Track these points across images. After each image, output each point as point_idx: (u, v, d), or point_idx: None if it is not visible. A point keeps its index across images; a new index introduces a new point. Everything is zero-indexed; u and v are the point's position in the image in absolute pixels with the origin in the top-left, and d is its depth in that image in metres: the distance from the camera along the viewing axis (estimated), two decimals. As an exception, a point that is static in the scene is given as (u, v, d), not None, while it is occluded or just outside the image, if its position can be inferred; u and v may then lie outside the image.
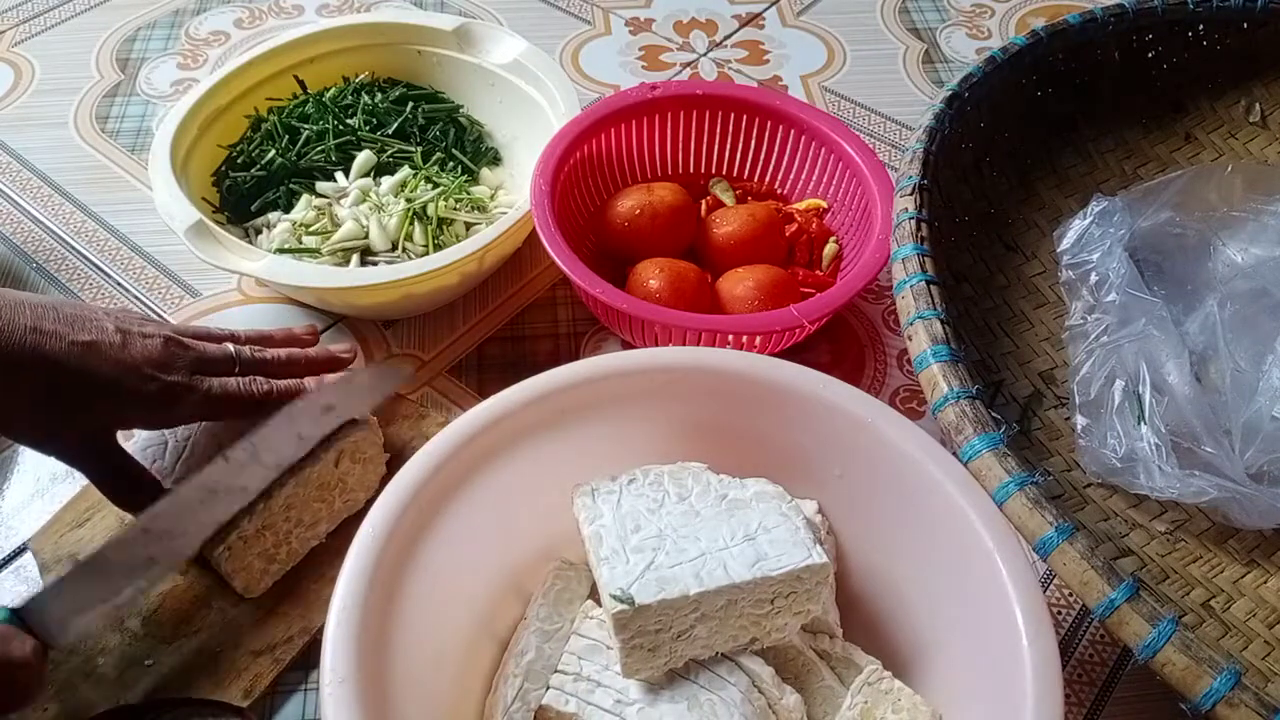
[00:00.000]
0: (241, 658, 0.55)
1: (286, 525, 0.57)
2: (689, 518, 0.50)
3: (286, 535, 0.57)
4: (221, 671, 0.55)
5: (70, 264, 0.78)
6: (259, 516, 0.55)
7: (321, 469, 0.58)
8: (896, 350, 0.74)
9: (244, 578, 0.56)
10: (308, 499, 0.58)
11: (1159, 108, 0.77)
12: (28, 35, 0.98)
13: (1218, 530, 0.57)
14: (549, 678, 0.49)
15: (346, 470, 0.59)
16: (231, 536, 0.54)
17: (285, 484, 0.56)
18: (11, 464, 0.66)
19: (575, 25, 1.02)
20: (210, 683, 0.54)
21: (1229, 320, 0.59)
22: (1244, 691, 0.42)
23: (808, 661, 0.51)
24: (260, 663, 0.55)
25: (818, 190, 0.78)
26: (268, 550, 0.57)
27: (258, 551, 0.56)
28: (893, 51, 1.00)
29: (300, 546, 0.59)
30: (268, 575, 0.58)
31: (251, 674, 0.55)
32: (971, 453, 0.48)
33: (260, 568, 0.57)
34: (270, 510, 0.56)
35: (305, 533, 0.58)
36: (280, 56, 0.82)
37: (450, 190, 0.76)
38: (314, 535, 0.59)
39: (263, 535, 0.56)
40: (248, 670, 0.55)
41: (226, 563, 0.55)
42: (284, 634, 0.56)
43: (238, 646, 0.56)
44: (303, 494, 0.57)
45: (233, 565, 0.55)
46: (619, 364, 0.54)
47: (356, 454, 0.60)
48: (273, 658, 0.55)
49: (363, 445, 0.60)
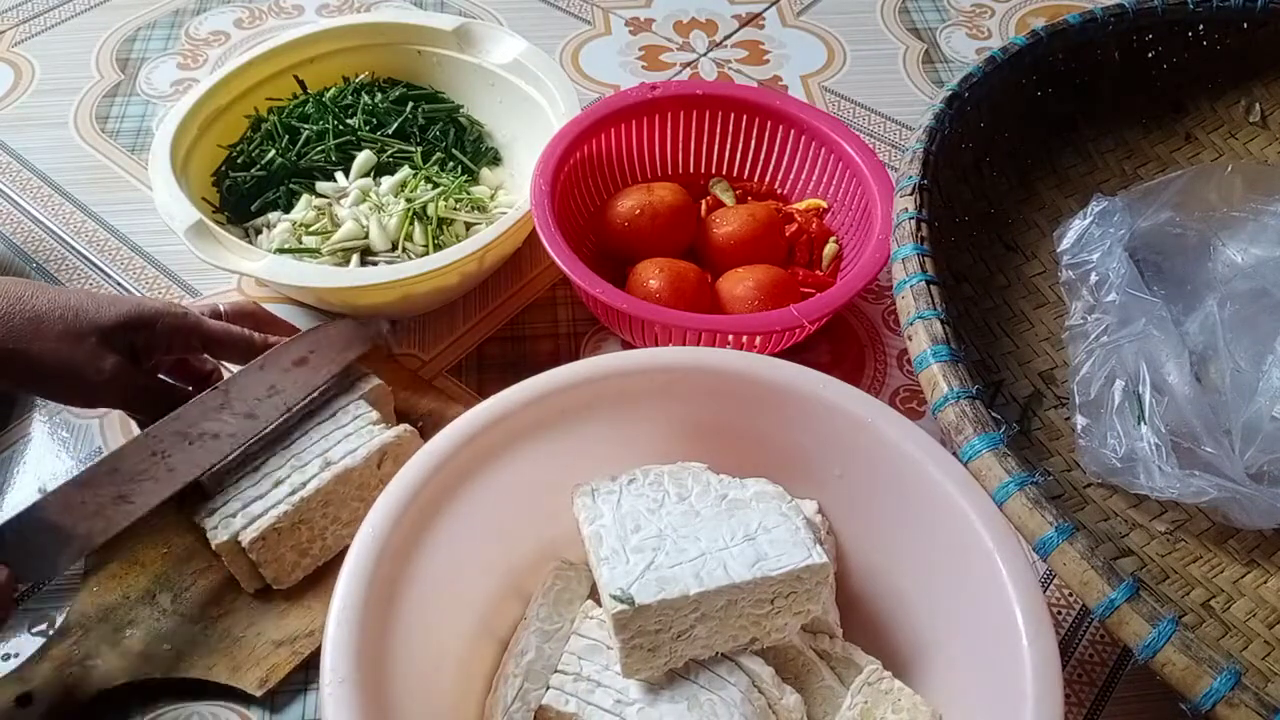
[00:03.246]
0: (262, 646, 0.56)
1: (323, 521, 0.57)
2: (689, 518, 0.50)
3: (322, 531, 0.58)
4: (240, 657, 0.55)
5: (70, 264, 0.78)
6: (296, 510, 0.56)
7: (363, 468, 0.58)
8: (896, 350, 0.74)
9: (275, 569, 0.57)
10: (346, 497, 0.58)
11: (1159, 108, 0.77)
12: (28, 35, 0.98)
13: (1218, 530, 0.57)
14: (549, 678, 0.49)
15: (388, 472, 0.59)
16: (267, 526, 0.55)
17: (325, 480, 0.57)
18: (12, 464, 0.66)
19: (575, 25, 1.02)
20: (229, 667, 0.55)
21: (1229, 320, 0.59)
22: (1244, 691, 0.42)
23: (808, 661, 0.51)
24: (279, 653, 0.56)
25: (818, 190, 0.78)
26: (301, 544, 0.57)
27: (291, 544, 0.57)
28: (893, 51, 1.00)
29: (334, 543, 0.59)
30: (299, 569, 0.58)
31: (269, 664, 0.55)
32: (971, 453, 0.48)
33: (292, 560, 0.57)
34: (308, 505, 0.56)
35: (341, 530, 0.59)
36: (280, 56, 0.82)
37: (450, 190, 0.76)
38: (349, 533, 0.59)
39: (298, 529, 0.56)
40: (266, 659, 0.55)
41: (259, 552, 0.55)
42: (306, 628, 0.57)
43: (260, 635, 0.56)
44: (342, 491, 0.58)
45: (265, 555, 0.56)
46: (619, 364, 0.54)
47: (400, 456, 0.60)
48: (292, 649, 0.56)
49: (406, 448, 0.60)
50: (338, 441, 0.59)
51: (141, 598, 0.57)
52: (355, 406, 0.61)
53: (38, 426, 0.68)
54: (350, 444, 0.59)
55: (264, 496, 0.57)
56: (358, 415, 0.60)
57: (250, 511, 0.56)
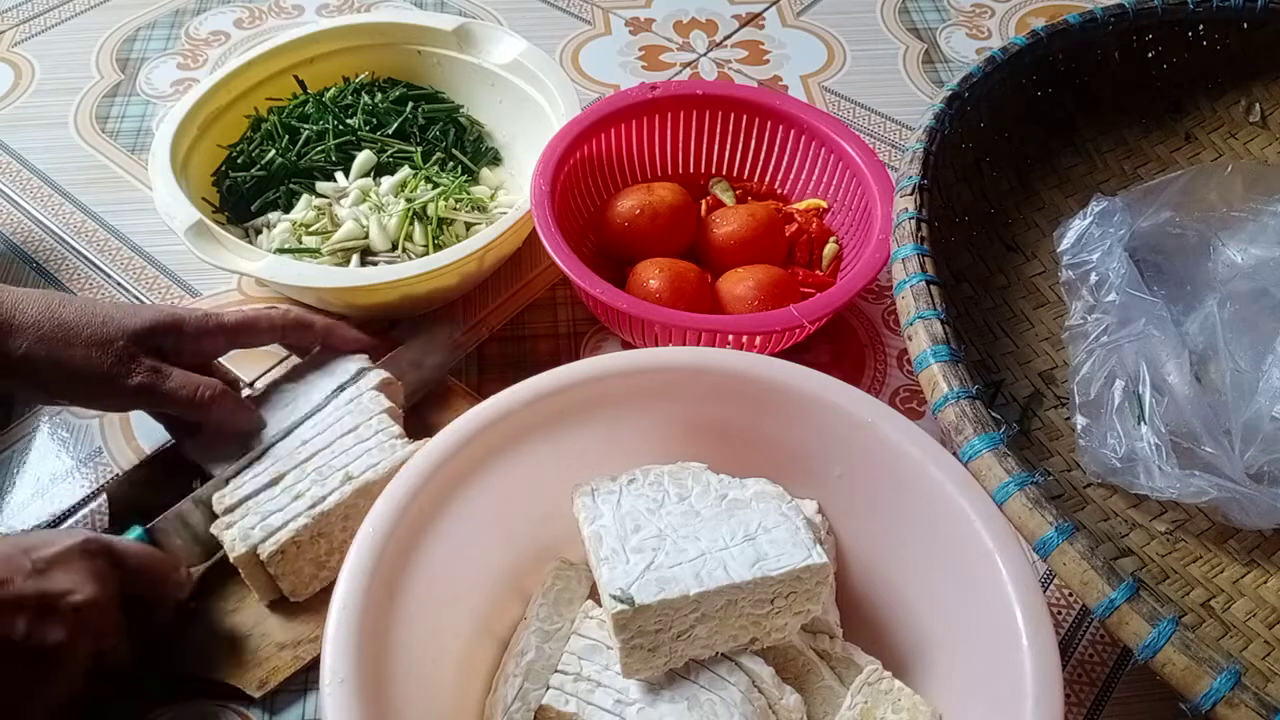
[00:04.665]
0: (265, 647, 0.56)
1: (343, 535, 0.57)
2: (689, 518, 0.50)
3: (340, 544, 0.57)
4: (244, 656, 0.55)
5: (70, 264, 0.78)
6: (316, 523, 0.55)
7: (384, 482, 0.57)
8: (896, 350, 0.74)
9: (292, 581, 0.56)
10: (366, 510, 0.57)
11: (1159, 108, 0.77)
12: (28, 35, 0.98)
13: (1218, 530, 0.57)
14: (549, 678, 0.49)
15: None
16: (286, 539, 0.55)
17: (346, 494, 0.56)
18: (12, 464, 0.66)
19: (575, 25, 1.02)
20: (232, 664, 0.55)
21: (1229, 320, 0.59)
22: (1244, 691, 0.42)
23: (808, 661, 0.51)
24: (282, 656, 0.56)
25: (818, 190, 0.78)
26: (319, 557, 0.57)
27: (310, 557, 0.56)
28: (893, 51, 1.00)
29: None
30: (316, 581, 0.58)
31: (270, 665, 0.55)
32: (971, 453, 0.48)
33: (310, 573, 0.57)
34: (328, 519, 0.56)
35: None
36: (280, 56, 0.82)
37: (450, 190, 0.76)
38: None
39: (316, 541, 0.56)
40: (268, 661, 0.55)
41: (278, 565, 0.55)
42: (311, 632, 0.57)
43: (265, 636, 0.56)
44: (362, 505, 0.56)
45: (284, 568, 0.55)
46: (619, 364, 0.54)
47: None
48: (295, 654, 0.56)
49: None
50: (359, 456, 0.58)
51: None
52: (378, 421, 0.60)
53: (38, 426, 0.68)
54: (372, 457, 0.58)
55: (283, 509, 0.56)
56: (380, 429, 0.60)
57: (269, 524, 0.56)
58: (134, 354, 0.57)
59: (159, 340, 0.58)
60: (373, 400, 0.61)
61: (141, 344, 0.57)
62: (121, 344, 0.56)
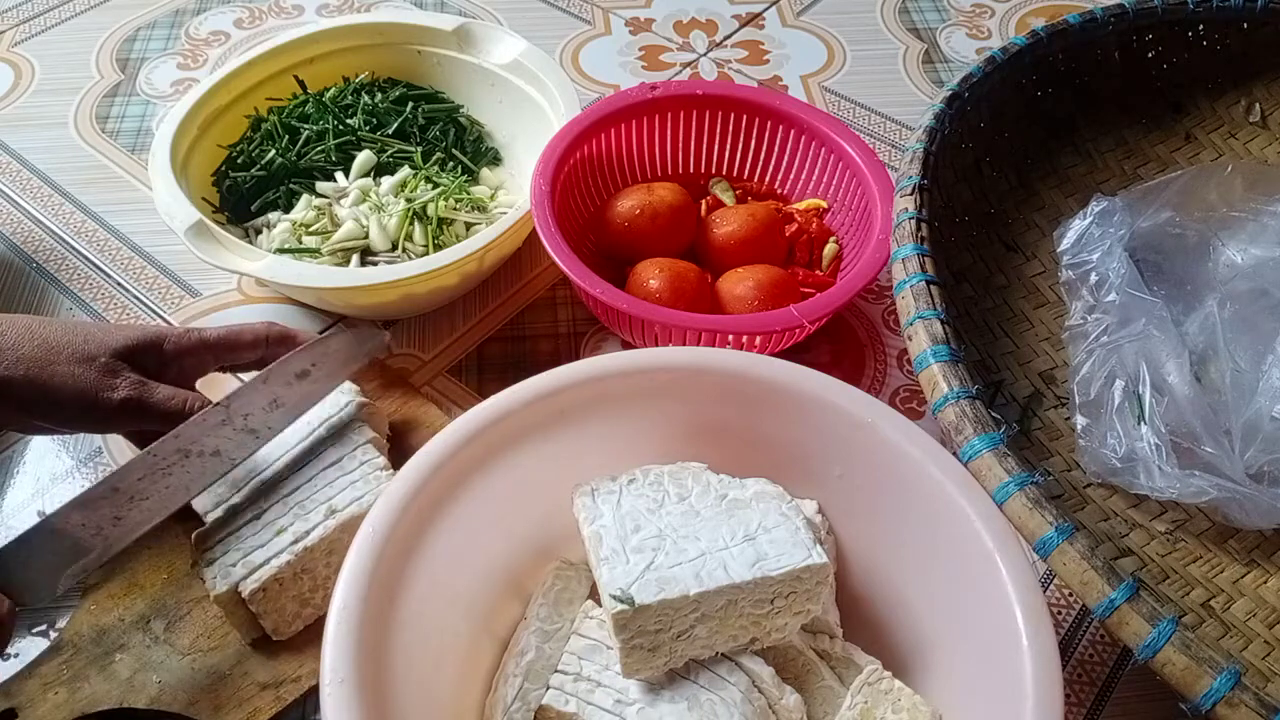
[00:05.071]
0: (246, 687, 0.54)
1: (326, 571, 0.55)
2: (689, 518, 0.50)
3: (324, 580, 0.56)
4: (223, 697, 0.54)
5: (70, 264, 0.78)
6: (299, 559, 0.54)
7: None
8: (896, 350, 0.74)
9: (275, 619, 0.55)
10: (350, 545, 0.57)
11: (1159, 108, 0.77)
12: (28, 35, 0.98)
13: (1218, 530, 0.57)
14: (549, 678, 0.49)
15: None
16: (268, 577, 0.53)
17: (330, 528, 0.55)
18: (11, 464, 0.66)
19: (575, 25, 1.02)
20: (210, 705, 0.53)
21: (1229, 320, 0.59)
22: (1244, 691, 0.42)
23: (808, 661, 0.51)
24: (263, 697, 0.54)
25: (818, 190, 0.78)
26: (303, 594, 0.55)
27: (293, 594, 0.55)
28: (893, 51, 1.00)
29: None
30: (299, 619, 0.56)
31: (251, 707, 0.54)
32: (971, 453, 0.48)
33: (293, 611, 0.56)
34: (311, 554, 0.54)
35: None
36: (280, 56, 0.82)
37: (450, 190, 0.76)
38: None
39: (300, 579, 0.55)
40: (248, 702, 0.54)
41: (260, 603, 0.54)
42: (294, 672, 0.55)
43: (246, 675, 0.55)
44: (346, 540, 0.54)
45: (266, 606, 0.54)
46: (619, 364, 0.54)
47: None
48: (276, 695, 0.54)
49: None
50: (343, 489, 0.57)
51: (136, 622, 0.56)
52: (362, 452, 0.59)
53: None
54: (356, 490, 0.56)
55: (265, 545, 0.55)
56: (364, 461, 0.58)
57: (251, 561, 0.54)
58: (117, 369, 0.55)
59: (141, 357, 0.57)
60: (357, 431, 0.60)
61: (124, 360, 0.56)
62: (104, 360, 0.55)
